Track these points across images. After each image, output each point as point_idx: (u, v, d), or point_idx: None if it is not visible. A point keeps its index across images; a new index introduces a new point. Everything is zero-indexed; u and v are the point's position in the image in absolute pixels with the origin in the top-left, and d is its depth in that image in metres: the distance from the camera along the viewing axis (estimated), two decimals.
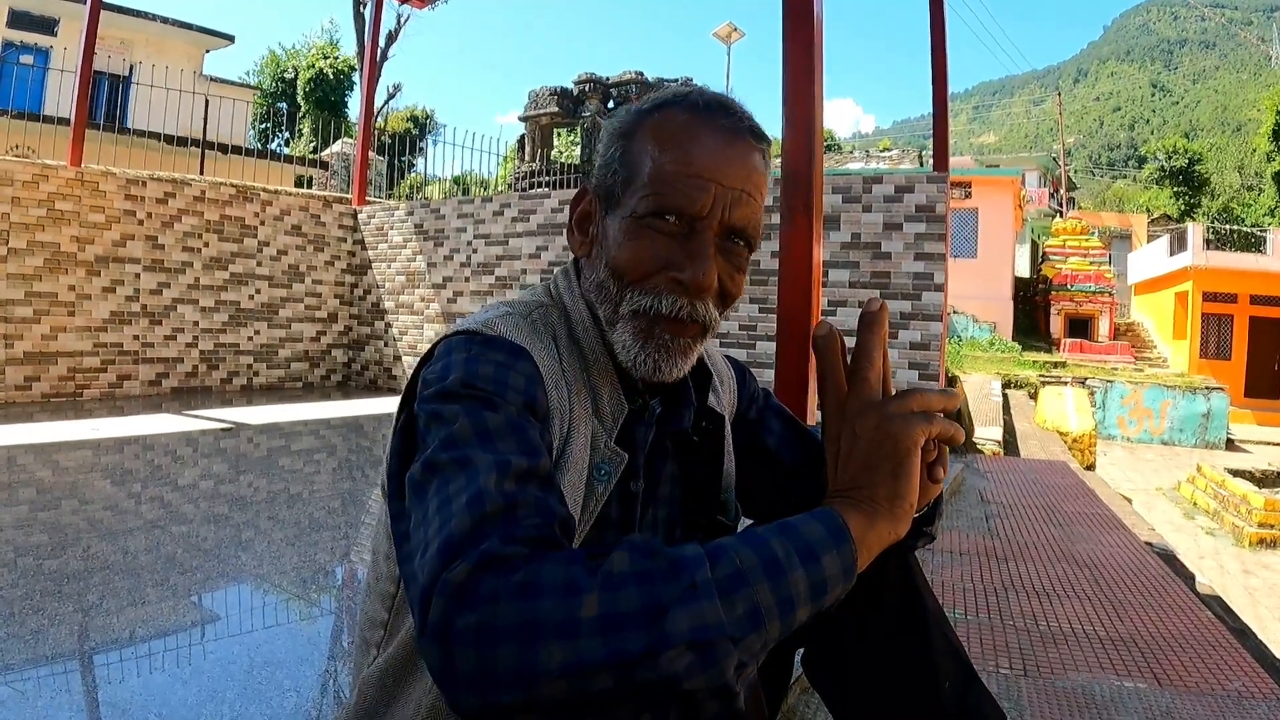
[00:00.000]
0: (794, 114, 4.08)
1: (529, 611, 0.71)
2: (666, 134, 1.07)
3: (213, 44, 24.99)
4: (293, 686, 2.31)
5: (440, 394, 0.94)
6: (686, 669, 0.72)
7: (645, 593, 0.73)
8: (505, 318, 1.06)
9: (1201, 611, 3.50)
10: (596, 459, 1.08)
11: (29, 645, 2.49)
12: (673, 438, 1.22)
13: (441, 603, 0.73)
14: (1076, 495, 6.00)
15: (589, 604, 0.72)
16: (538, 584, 0.72)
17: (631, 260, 1.07)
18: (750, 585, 0.75)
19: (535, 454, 0.89)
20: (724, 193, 1.05)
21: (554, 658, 0.70)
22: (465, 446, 0.87)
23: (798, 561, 0.78)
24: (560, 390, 1.04)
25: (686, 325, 1.08)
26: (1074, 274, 29.01)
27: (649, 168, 1.07)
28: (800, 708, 2.35)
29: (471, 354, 0.98)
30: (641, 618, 0.72)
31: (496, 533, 0.77)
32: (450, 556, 0.76)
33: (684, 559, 0.76)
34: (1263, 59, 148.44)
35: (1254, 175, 53.23)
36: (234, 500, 4.57)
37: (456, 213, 9.27)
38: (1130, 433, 20.91)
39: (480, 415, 0.90)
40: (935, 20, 7.09)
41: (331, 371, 10.22)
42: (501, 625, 0.71)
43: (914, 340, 6.25)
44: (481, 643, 0.71)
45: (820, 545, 0.80)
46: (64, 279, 8.11)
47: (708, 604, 0.73)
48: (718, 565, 0.76)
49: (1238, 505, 13.27)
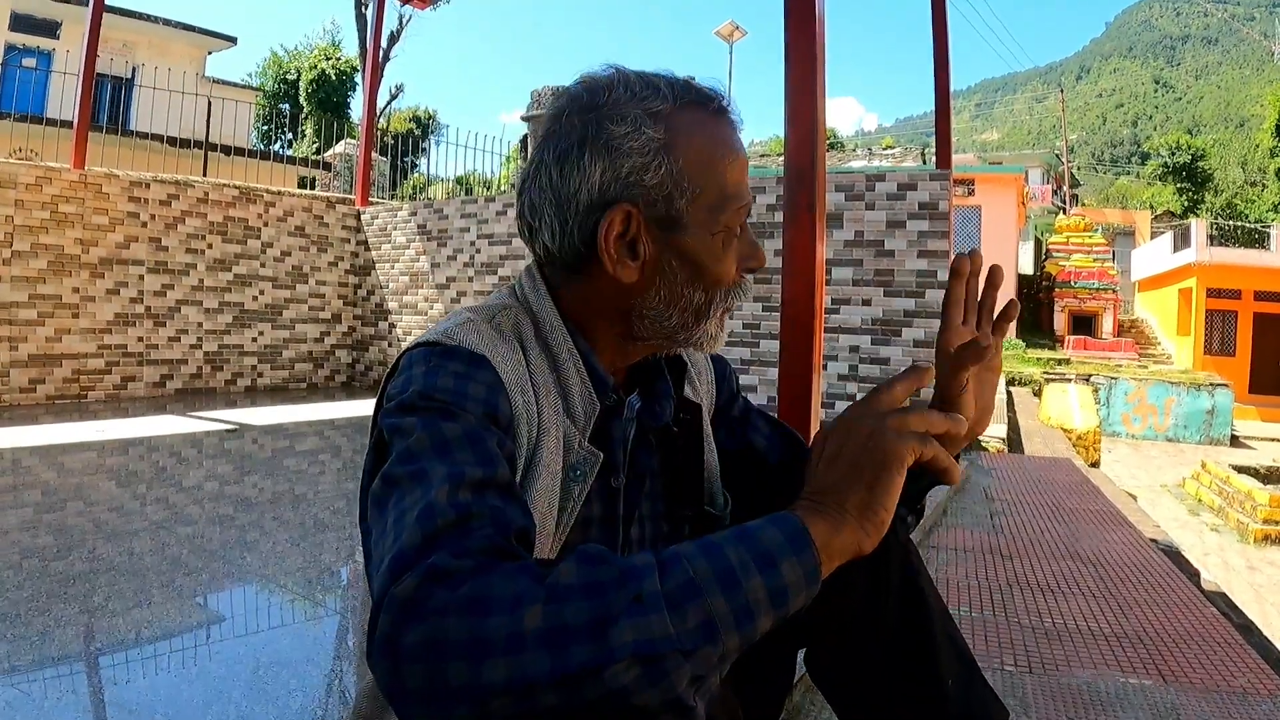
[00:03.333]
0: (796, 112, 4.07)
1: (477, 626, 0.70)
2: (714, 139, 1.09)
3: (215, 45, 25.02)
4: (299, 686, 2.32)
5: (400, 406, 0.94)
6: (634, 683, 0.70)
7: (592, 605, 0.71)
8: (466, 324, 1.05)
9: (1206, 608, 3.50)
10: (571, 460, 1.08)
11: (35, 647, 2.49)
12: (654, 431, 1.22)
13: (389, 618, 0.72)
14: (1081, 492, 5.99)
15: (532, 616, 0.70)
16: (486, 596, 0.71)
17: (729, 270, 1.12)
18: (703, 596, 0.73)
19: (492, 463, 0.89)
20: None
21: (499, 673, 0.68)
22: (421, 459, 0.87)
23: (754, 569, 0.76)
24: (527, 395, 1.04)
25: None
26: (1077, 271, 28.98)
27: (723, 181, 1.08)
28: (805, 706, 2.35)
29: (431, 366, 0.98)
30: (586, 630, 0.70)
31: (447, 546, 0.76)
32: (399, 570, 0.75)
33: (633, 569, 0.75)
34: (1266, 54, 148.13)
35: (1257, 171, 53.04)
36: (239, 501, 4.58)
37: (460, 213, 9.27)
38: (1135, 429, 20.90)
39: (437, 426, 0.90)
40: (937, 17, 7.08)
41: (335, 372, 10.23)
42: (449, 640, 0.70)
43: (917, 338, 6.25)
44: (430, 658, 0.70)
45: (779, 551, 0.78)
46: (68, 281, 8.12)
47: (655, 616, 0.71)
48: (668, 575, 0.74)
49: (1242, 502, 13.26)
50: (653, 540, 1.23)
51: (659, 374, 1.23)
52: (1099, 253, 29.58)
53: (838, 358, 6.49)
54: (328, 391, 9.75)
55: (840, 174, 6.99)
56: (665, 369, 1.23)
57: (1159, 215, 42.80)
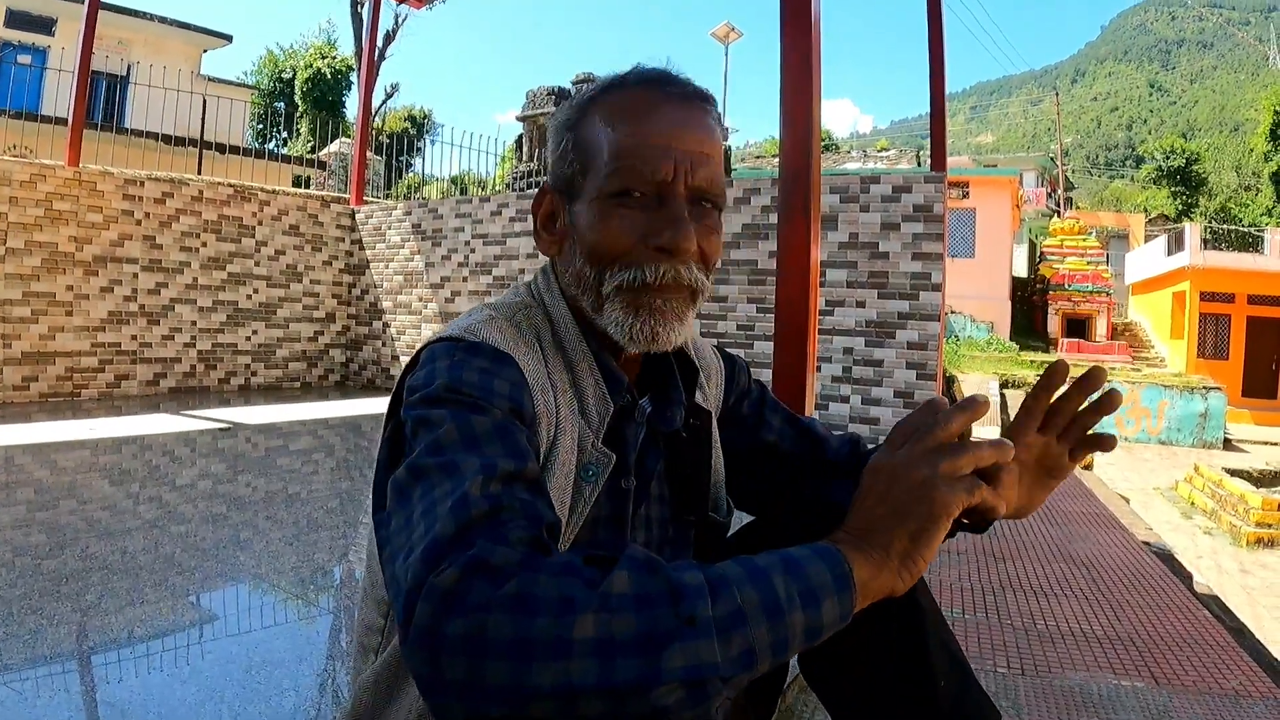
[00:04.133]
0: (792, 114, 4.08)
1: (523, 626, 0.69)
2: (618, 112, 1.09)
3: (210, 44, 24.98)
4: (291, 686, 2.31)
5: (426, 399, 0.94)
6: (677, 704, 0.70)
7: (643, 619, 0.71)
8: (489, 322, 1.06)
9: (1199, 611, 3.51)
10: (584, 460, 1.08)
11: (27, 645, 2.49)
12: (663, 436, 1.22)
13: (429, 607, 0.72)
14: (1074, 494, 6.00)
15: (584, 624, 0.70)
16: (532, 596, 0.71)
17: (608, 239, 1.08)
18: (748, 626, 0.73)
19: (523, 457, 0.89)
20: (685, 157, 1.06)
21: (545, 678, 0.68)
22: (451, 451, 0.87)
23: (798, 604, 0.76)
24: (546, 394, 1.04)
25: (675, 291, 1.09)
26: (1071, 274, 29.06)
27: (607, 148, 1.08)
28: (798, 707, 2.35)
29: (455, 360, 0.98)
30: (635, 646, 0.70)
31: (483, 537, 0.76)
32: (435, 560, 0.75)
33: (685, 588, 0.74)
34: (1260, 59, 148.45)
35: (1251, 175, 53.20)
36: (232, 500, 4.57)
37: (454, 212, 9.26)
38: (1128, 432, 20.93)
39: (467, 419, 0.90)
40: (933, 20, 7.09)
41: (329, 371, 10.22)
42: (493, 637, 0.69)
43: (911, 340, 6.25)
44: (472, 652, 0.69)
45: (823, 590, 0.78)
46: (62, 279, 8.10)
47: (704, 642, 0.71)
48: (719, 600, 0.74)
49: (1235, 505, 13.28)
50: (658, 544, 1.23)
51: (671, 378, 1.23)
52: (1093, 256, 29.66)
53: (832, 359, 6.49)
54: (321, 391, 9.74)
55: (835, 176, 6.99)
56: (677, 373, 1.24)
57: (1153, 219, 42.89)
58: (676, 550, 1.26)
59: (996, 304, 26.67)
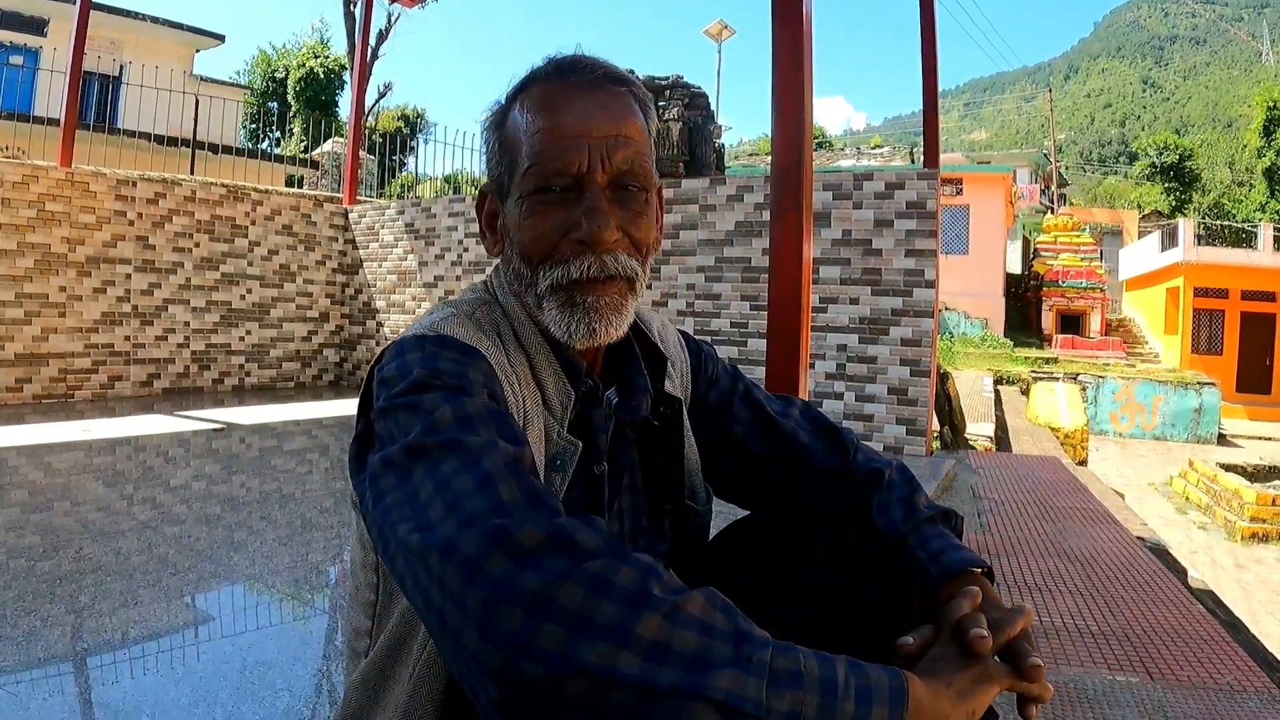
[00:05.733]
0: (784, 111, 4.08)
1: (591, 603, 0.72)
2: (531, 107, 1.09)
3: (203, 43, 24.91)
4: (286, 686, 2.31)
5: (410, 387, 0.94)
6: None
7: (703, 640, 0.73)
8: (452, 319, 1.06)
9: (1194, 606, 3.51)
10: (551, 450, 1.08)
11: (22, 647, 2.48)
12: (632, 426, 1.22)
13: (504, 558, 0.74)
14: (1068, 490, 6.01)
15: (649, 623, 0.72)
16: (611, 581, 0.73)
17: (533, 238, 1.08)
18: (803, 688, 0.73)
19: (520, 442, 0.90)
20: (597, 144, 1.05)
21: (593, 655, 0.70)
22: (451, 431, 0.87)
23: (853, 695, 0.76)
24: (512, 385, 1.05)
25: (606, 283, 1.07)
26: (1065, 270, 29.11)
27: (524, 145, 1.08)
28: None
29: (427, 352, 0.98)
30: (689, 660, 0.71)
31: (530, 519, 0.77)
32: (501, 520, 0.77)
33: (752, 635, 0.76)
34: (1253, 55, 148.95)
35: (1245, 171, 53.29)
36: (226, 501, 4.56)
37: (448, 211, 9.25)
38: (1122, 428, 21.00)
39: (459, 402, 0.91)
40: (925, 17, 7.09)
41: (323, 371, 10.20)
42: (562, 603, 0.71)
43: (905, 337, 6.26)
44: (535, 610, 0.71)
45: (878, 695, 0.78)
46: (55, 280, 8.07)
47: (753, 680, 0.72)
48: (781, 656, 0.75)
49: (1230, 500, 13.34)
50: (632, 534, 1.23)
51: (636, 368, 1.22)
52: (1087, 252, 29.70)
53: (825, 356, 6.49)
54: (315, 390, 9.72)
55: (828, 173, 7.00)
56: (641, 361, 1.23)
57: (1147, 215, 42.97)
58: (652, 540, 1.26)
59: (990, 300, 26.70)
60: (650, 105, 1.16)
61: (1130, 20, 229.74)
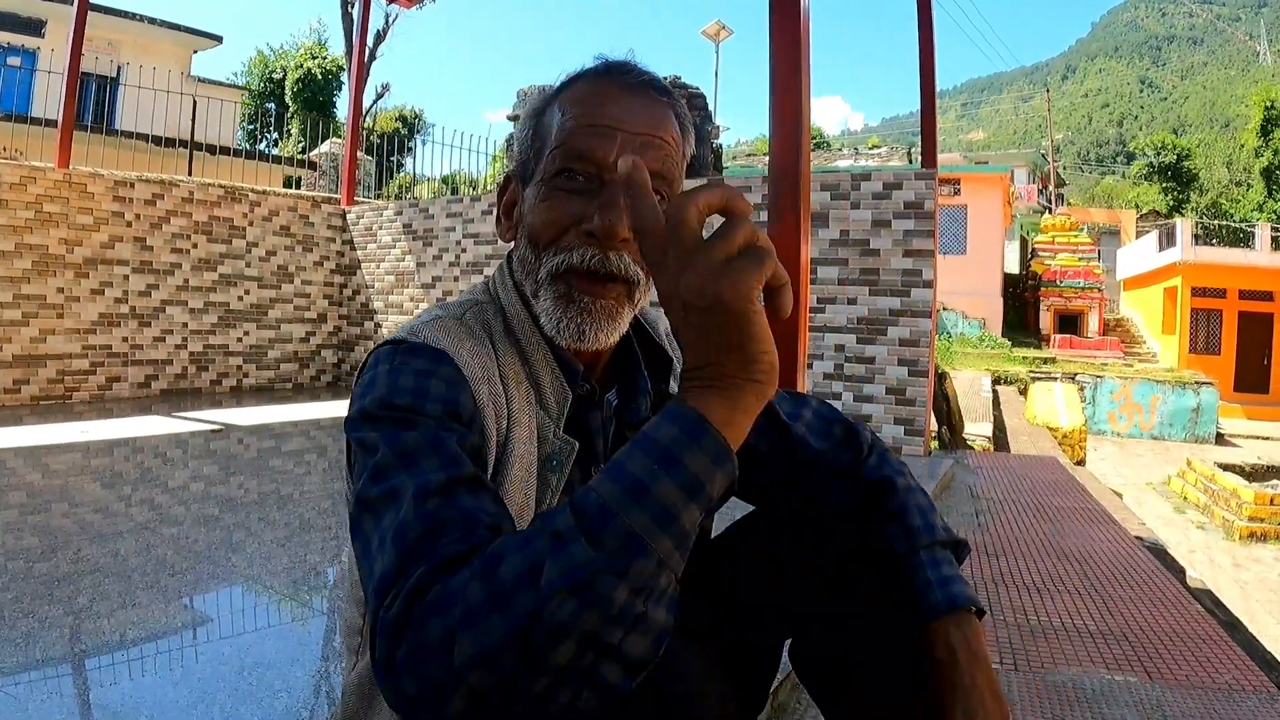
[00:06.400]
0: (781, 111, 4.08)
1: (447, 620, 0.72)
2: (572, 99, 1.09)
3: (201, 44, 24.92)
4: (284, 687, 2.31)
5: (361, 416, 0.95)
6: (572, 615, 0.70)
7: (522, 557, 0.73)
8: (433, 322, 1.05)
9: (1192, 605, 3.51)
10: (546, 450, 1.08)
11: (20, 649, 2.48)
12: (633, 428, 1.19)
13: (383, 642, 0.75)
14: (1066, 490, 6.01)
15: (474, 590, 0.72)
16: (449, 594, 0.73)
17: (545, 221, 1.07)
18: (617, 516, 0.72)
19: (455, 464, 0.89)
20: (630, 139, 1.04)
21: (465, 649, 0.70)
22: (390, 476, 0.87)
23: (660, 472, 0.74)
24: (494, 387, 1.04)
25: (606, 284, 1.06)
26: (1063, 270, 29.13)
27: (557, 131, 1.08)
28: (791, 704, 2.35)
29: (395, 365, 0.98)
30: (522, 581, 0.72)
31: (422, 562, 0.78)
32: (384, 594, 0.77)
33: (549, 515, 0.76)
34: (1250, 55, 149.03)
35: (1242, 171, 53.32)
36: (224, 502, 4.56)
37: (445, 212, 9.25)
38: (1120, 428, 21.01)
39: (398, 438, 0.91)
40: (923, 17, 7.10)
41: (321, 372, 10.20)
42: (430, 642, 0.72)
43: (903, 337, 6.26)
44: (417, 663, 0.72)
45: (678, 446, 0.75)
46: (52, 281, 8.07)
47: (574, 546, 0.72)
48: (580, 508, 0.74)
49: (1228, 499, 13.35)
50: None
51: (636, 369, 1.21)
52: (1084, 252, 29.73)
53: (823, 356, 6.50)
54: (313, 391, 9.72)
55: (826, 173, 7.00)
56: (641, 363, 1.21)
57: (1144, 214, 42.99)
58: None
59: (988, 300, 26.71)
60: (690, 126, 1.15)
61: (1128, 20, 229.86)
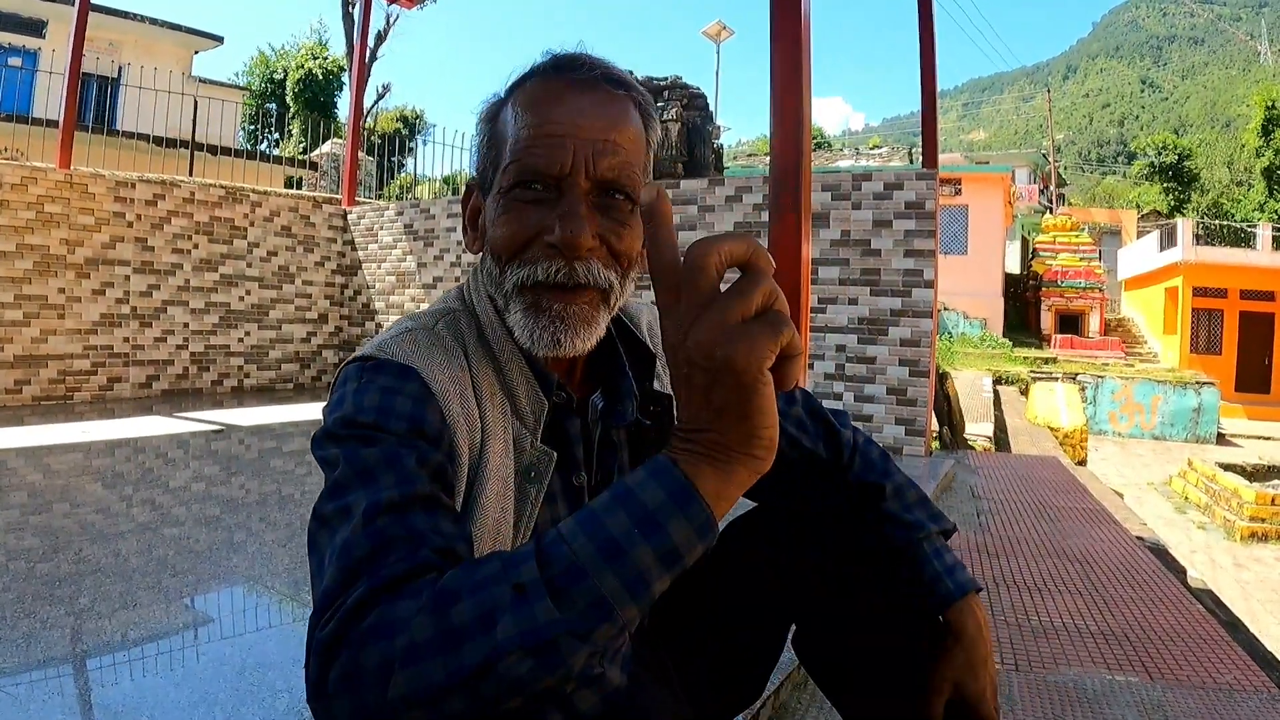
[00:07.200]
0: (782, 112, 4.08)
1: (385, 649, 0.70)
2: (522, 104, 1.05)
3: (201, 45, 24.93)
4: (285, 687, 2.31)
5: (326, 435, 0.94)
6: (529, 673, 0.69)
7: (477, 601, 0.71)
8: (403, 335, 1.03)
9: (1193, 605, 3.51)
10: (524, 462, 1.06)
11: (21, 649, 2.48)
12: (619, 430, 1.18)
13: (316, 661, 0.73)
14: (1068, 490, 6.01)
15: (421, 626, 0.70)
16: (390, 620, 0.72)
17: (506, 235, 1.03)
18: (589, 576, 0.70)
19: (410, 482, 0.87)
20: (584, 145, 1.00)
21: (400, 688, 0.69)
22: (346, 493, 0.86)
23: (639, 537, 0.70)
24: (466, 402, 1.01)
25: (575, 292, 1.02)
26: (1064, 270, 29.11)
27: (510, 140, 1.04)
28: (792, 704, 2.35)
29: (362, 383, 0.97)
30: (474, 628, 0.69)
31: (364, 581, 0.76)
32: (322, 613, 0.76)
33: (513, 558, 0.73)
34: (1251, 55, 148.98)
35: (1243, 171, 53.32)
36: (226, 502, 4.56)
37: (446, 212, 9.25)
38: (1121, 428, 21.00)
39: (358, 455, 0.89)
40: (924, 17, 7.10)
41: (322, 373, 10.19)
42: (365, 668, 0.70)
43: (904, 337, 6.26)
44: (350, 690, 0.71)
45: (663, 512, 0.71)
46: (53, 282, 8.08)
47: (538, 605, 0.69)
48: (549, 561, 0.71)
49: (1229, 499, 13.33)
50: None
51: (620, 371, 1.17)
52: (1085, 252, 29.72)
53: (824, 357, 6.50)
54: (314, 392, 9.71)
55: (827, 173, 7.01)
56: (625, 364, 1.18)
57: (1145, 214, 42.98)
58: None
59: (989, 300, 26.70)
60: (652, 113, 1.11)
61: (1128, 20, 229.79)
